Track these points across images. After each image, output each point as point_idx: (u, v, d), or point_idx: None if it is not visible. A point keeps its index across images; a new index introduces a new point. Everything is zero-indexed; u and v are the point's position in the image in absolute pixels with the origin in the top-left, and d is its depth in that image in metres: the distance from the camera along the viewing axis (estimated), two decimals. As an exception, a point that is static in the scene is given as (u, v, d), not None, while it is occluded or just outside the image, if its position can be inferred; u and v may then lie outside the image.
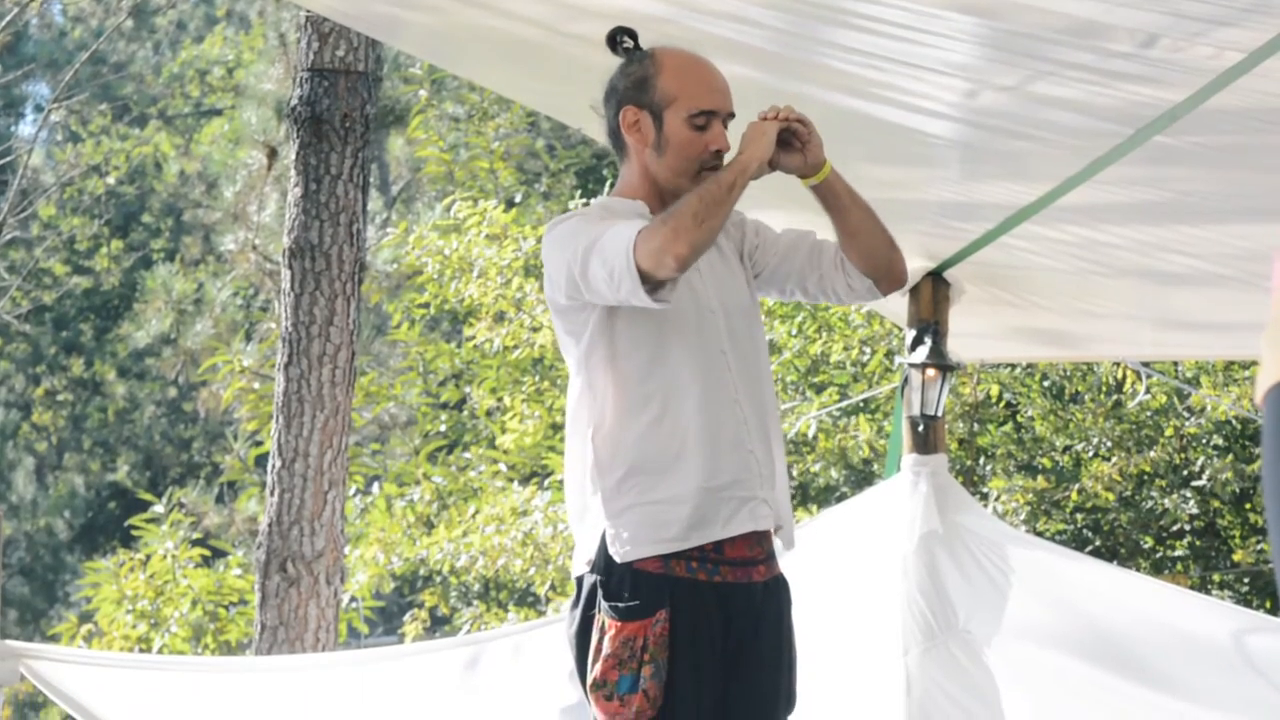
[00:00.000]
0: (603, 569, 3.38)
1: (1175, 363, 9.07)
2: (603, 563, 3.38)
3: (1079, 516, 9.57)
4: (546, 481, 10.79)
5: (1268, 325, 1.91)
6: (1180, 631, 5.07)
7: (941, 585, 5.07)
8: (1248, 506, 9.48)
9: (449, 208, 11.54)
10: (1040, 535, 8.96)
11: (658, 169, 3.48)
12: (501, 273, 10.85)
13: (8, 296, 17.59)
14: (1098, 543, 9.52)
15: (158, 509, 11.33)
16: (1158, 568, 9.51)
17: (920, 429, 5.30)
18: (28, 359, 22.31)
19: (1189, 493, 9.36)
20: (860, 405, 9.91)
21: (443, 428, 12.42)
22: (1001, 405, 9.79)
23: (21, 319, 19.81)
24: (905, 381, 5.33)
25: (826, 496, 10.21)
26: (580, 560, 3.44)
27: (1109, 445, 9.36)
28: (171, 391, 21.53)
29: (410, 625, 11.49)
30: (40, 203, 19.65)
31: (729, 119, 3.48)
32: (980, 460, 9.77)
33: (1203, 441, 9.32)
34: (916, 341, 5.32)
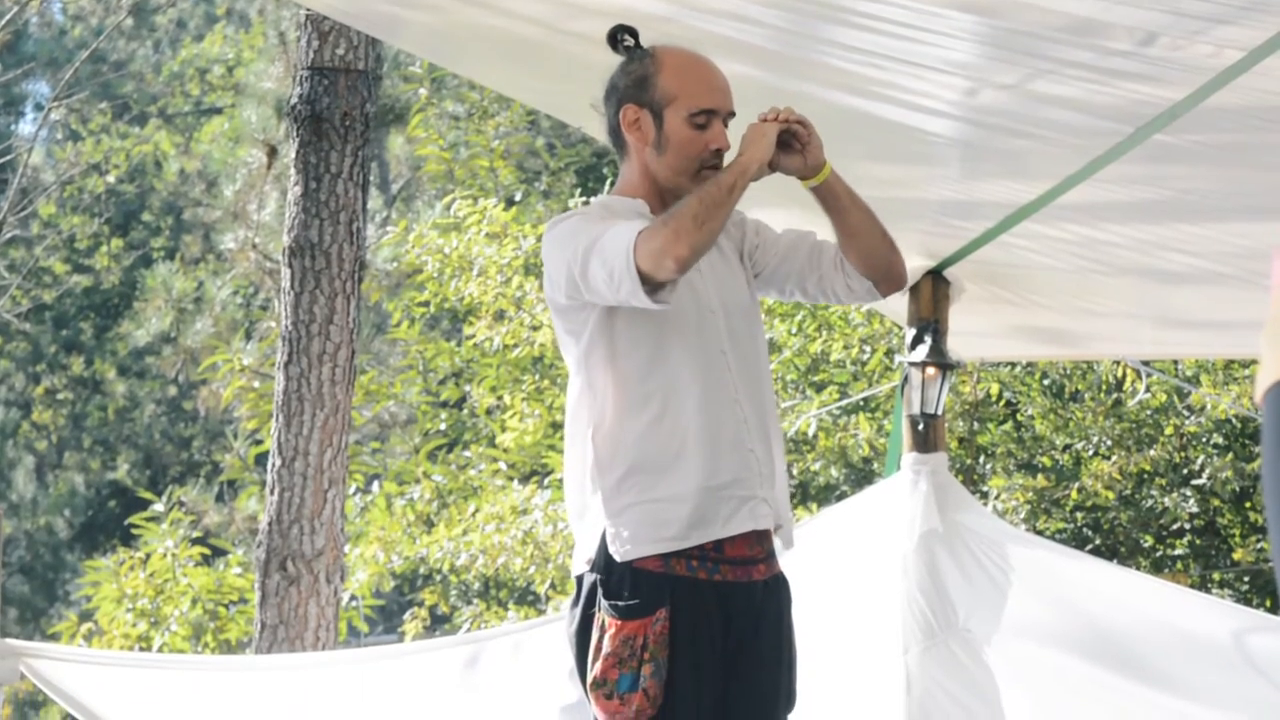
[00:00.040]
0: (603, 568, 3.38)
1: (1175, 361, 9.07)
2: (603, 561, 3.38)
3: (1079, 515, 9.57)
4: (546, 480, 10.79)
5: (1267, 324, 1.91)
6: (1180, 630, 5.06)
7: (941, 584, 5.07)
8: (1248, 505, 9.48)
9: (449, 206, 11.53)
10: (1040, 534, 8.96)
11: (658, 167, 3.48)
12: (501, 271, 10.84)
13: (8, 295, 17.59)
14: (1098, 541, 9.52)
15: (158, 507, 11.32)
16: (1158, 566, 9.51)
17: (920, 427, 5.30)
18: (28, 358, 22.31)
19: (1189, 491, 9.36)
20: (860, 404, 9.91)
21: (443, 426, 12.41)
22: (1001, 404, 9.78)
23: (21, 318, 19.81)
24: (905, 380, 5.33)
25: (826, 495, 10.20)
26: (580, 559, 3.44)
27: (1109, 444, 9.36)
28: (171, 390, 21.54)
29: (410, 624, 11.49)
30: (40, 201, 19.64)
31: (729, 118, 3.48)
32: (980, 459, 9.77)
33: (1203, 440, 9.32)
34: (916, 340, 5.32)
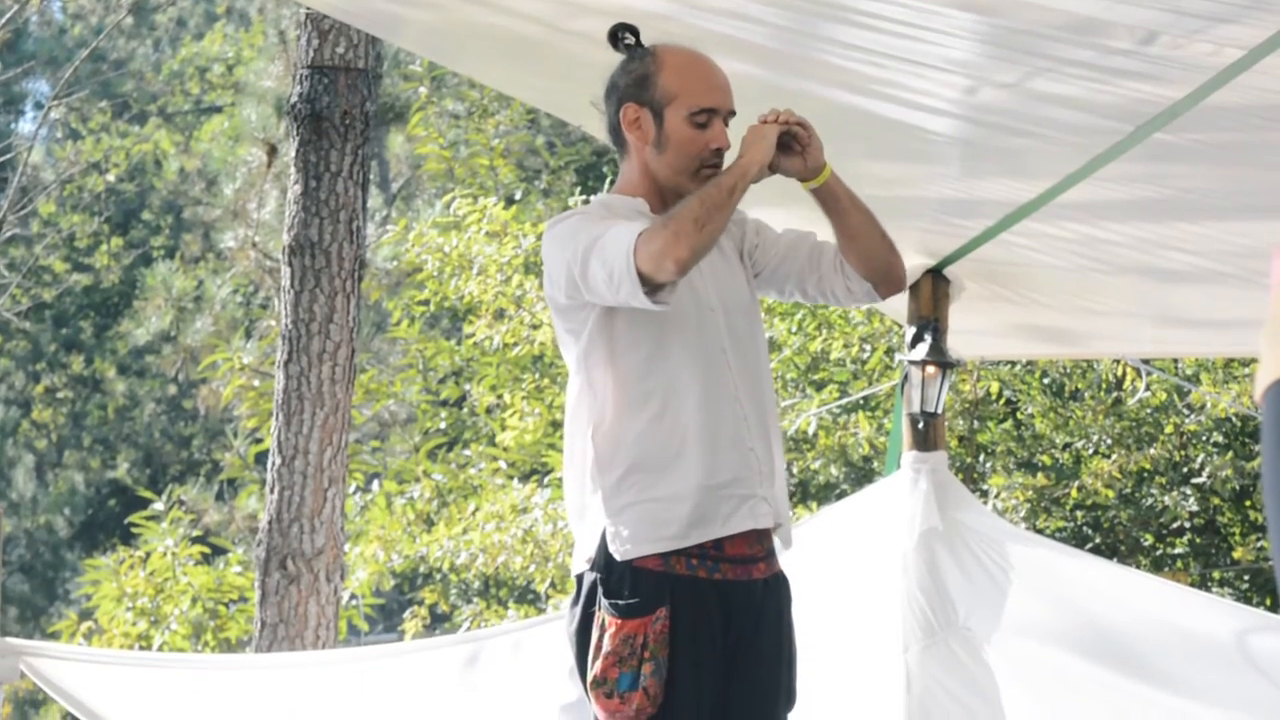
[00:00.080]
0: (603, 567, 3.38)
1: (1175, 360, 9.07)
2: (603, 560, 3.38)
3: (1079, 514, 9.57)
4: (546, 479, 10.79)
5: (1267, 322, 1.91)
6: (1180, 629, 5.06)
7: (941, 582, 5.07)
8: (1248, 504, 9.48)
9: (449, 205, 11.53)
10: (1040, 532, 8.96)
11: (658, 166, 3.48)
12: (501, 270, 10.84)
13: (8, 294, 17.58)
14: (1098, 540, 9.52)
15: (158, 506, 11.32)
16: (1158, 565, 9.51)
17: (920, 426, 5.30)
18: (28, 356, 22.31)
19: (1189, 490, 9.36)
20: (860, 402, 9.91)
21: (442, 425, 12.41)
22: (1001, 402, 9.78)
23: (21, 316, 19.80)
24: (905, 378, 5.33)
25: (826, 494, 10.21)
26: (580, 558, 3.44)
27: (1109, 442, 9.36)
28: (171, 389, 21.54)
29: (410, 622, 11.50)
30: (40, 200, 19.64)
31: (730, 117, 3.48)
32: (980, 457, 9.77)
33: (1203, 439, 9.32)
34: (916, 338, 5.31)
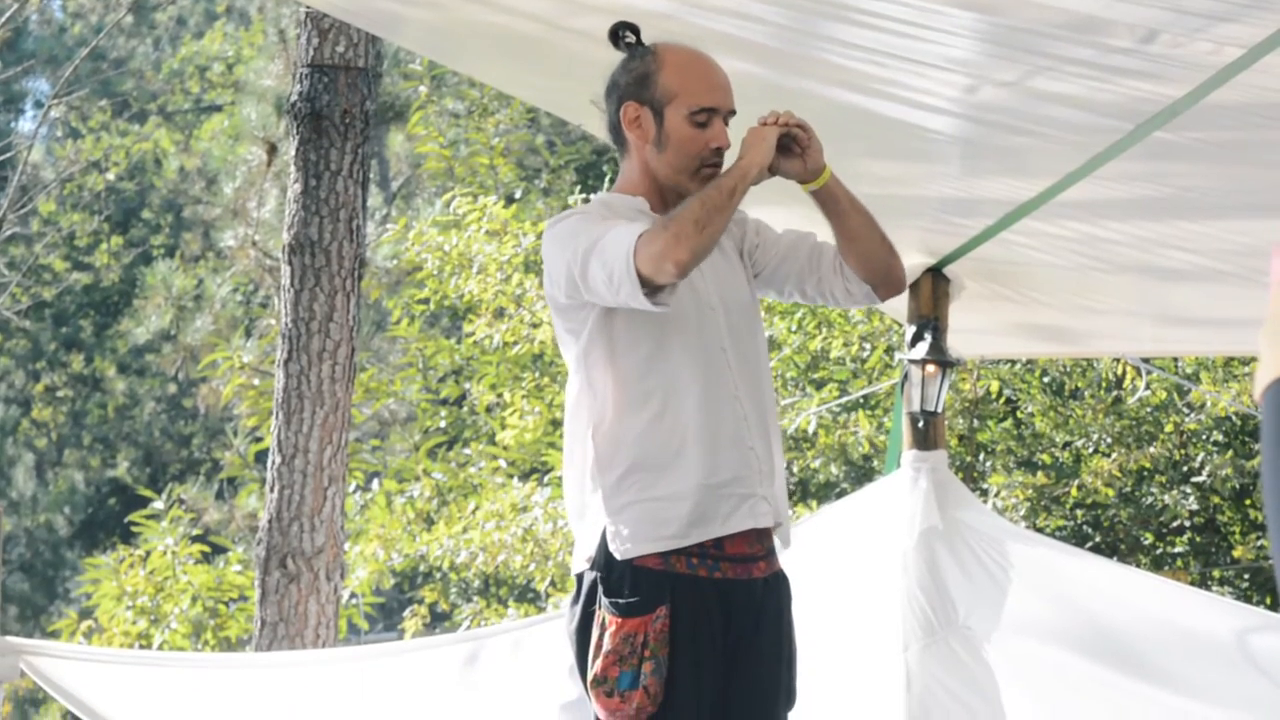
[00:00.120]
0: (603, 565, 3.38)
1: (1175, 358, 9.07)
2: (603, 559, 3.38)
3: (1079, 512, 9.57)
4: (546, 477, 10.79)
5: (1266, 321, 1.90)
6: (1180, 627, 5.06)
7: (941, 581, 5.07)
8: (1248, 502, 9.48)
9: (449, 204, 11.53)
10: (1040, 531, 8.96)
11: (658, 165, 3.48)
12: (501, 269, 10.84)
13: (7, 292, 17.57)
14: (1098, 539, 9.52)
15: (158, 505, 11.32)
16: (1158, 564, 9.51)
17: (920, 425, 5.30)
18: (28, 355, 22.31)
19: (1189, 489, 9.36)
20: (860, 401, 9.91)
21: (442, 424, 12.41)
22: (1001, 401, 9.78)
23: (21, 315, 19.79)
24: (905, 377, 5.33)
25: (826, 493, 10.20)
26: (580, 557, 3.44)
27: (1109, 441, 9.36)
28: (171, 388, 21.54)
29: (410, 621, 11.50)
30: (40, 199, 19.63)
31: (730, 116, 3.48)
32: (980, 456, 9.77)
33: (1203, 437, 9.32)
34: (916, 337, 5.31)
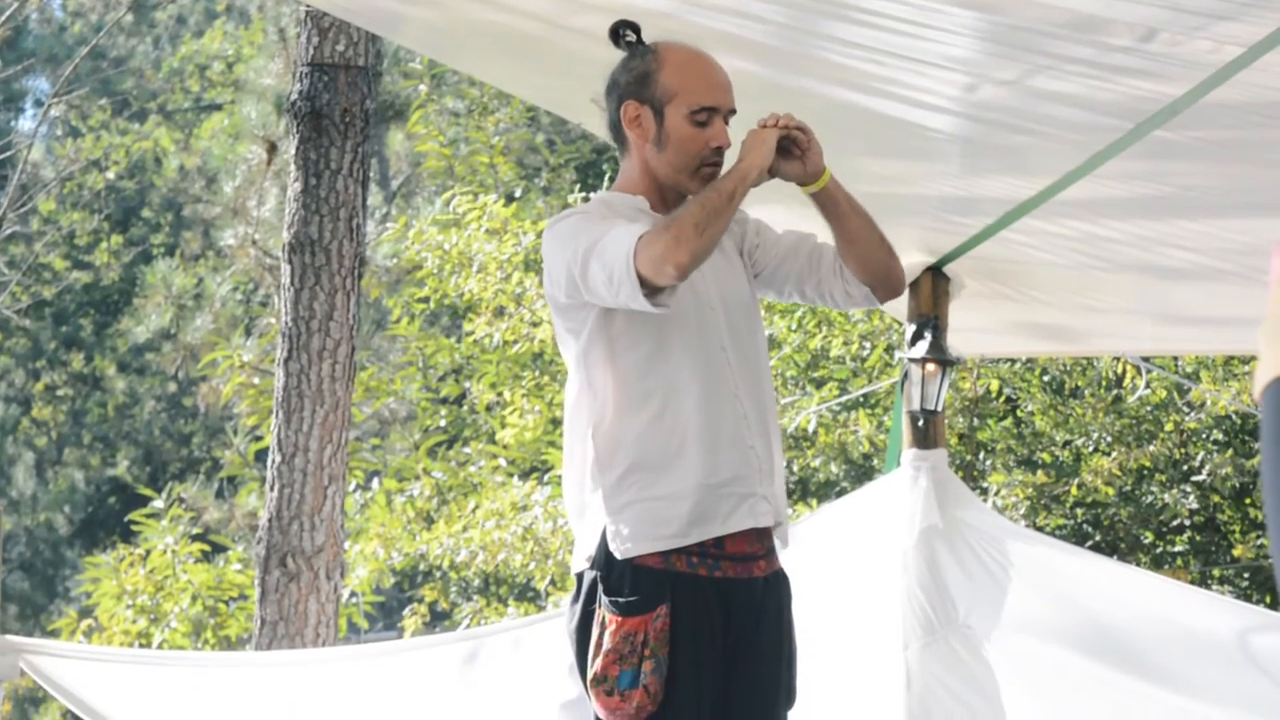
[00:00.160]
0: (603, 565, 3.38)
1: (1175, 357, 9.07)
2: (603, 559, 3.38)
3: (1079, 511, 9.57)
4: (546, 476, 10.79)
5: (1265, 320, 1.90)
6: (1180, 626, 5.06)
7: (941, 580, 5.06)
8: (1247, 501, 9.48)
9: (449, 202, 11.53)
10: (1040, 530, 8.96)
11: (658, 164, 3.48)
12: (501, 267, 10.84)
13: (7, 291, 17.57)
14: (1098, 538, 9.52)
15: (158, 504, 11.32)
16: (1158, 563, 9.51)
17: (920, 424, 5.29)
18: (27, 354, 22.31)
19: (1189, 488, 9.36)
20: (860, 400, 9.91)
21: (442, 423, 12.41)
22: (1001, 400, 9.78)
23: (21, 314, 19.80)
24: (905, 376, 5.33)
25: (826, 491, 10.20)
26: (580, 556, 3.44)
27: (1109, 440, 9.36)
28: (171, 386, 21.54)
29: (410, 620, 11.51)
30: (40, 198, 19.63)
31: (730, 115, 3.48)
32: (980, 455, 9.77)
33: (1202, 436, 9.32)
34: (916, 336, 5.31)
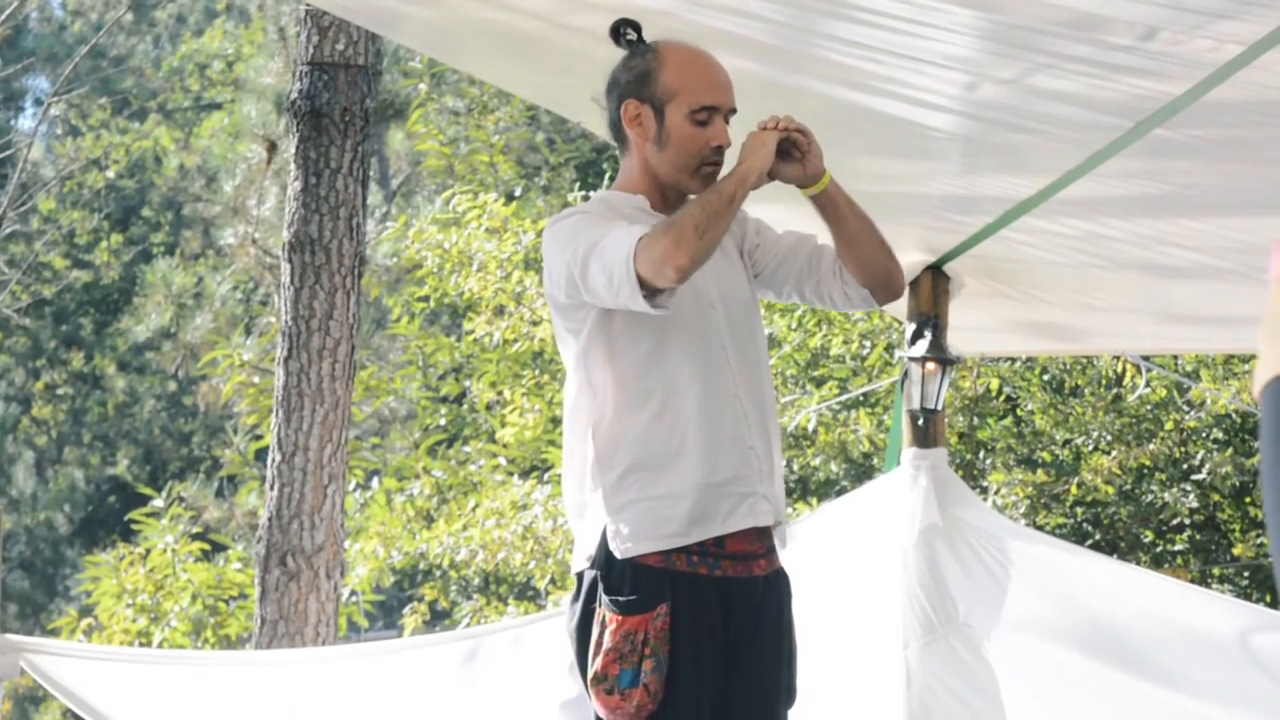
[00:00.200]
0: (603, 564, 3.38)
1: (1175, 356, 9.07)
2: (603, 558, 3.38)
3: (1079, 510, 9.57)
4: (546, 475, 10.79)
5: (1265, 319, 1.90)
6: (1180, 625, 5.06)
7: (941, 579, 5.06)
8: (1248, 500, 9.48)
9: (449, 201, 11.53)
10: (1040, 529, 8.96)
11: (658, 163, 3.48)
12: (501, 266, 10.84)
13: (7, 290, 17.57)
14: (1098, 536, 9.52)
15: (158, 503, 11.33)
16: (1158, 561, 9.51)
17: (920, 423, 5.29)
18: (27, 353, 22.31)
19: (1189, 486, 9.36)
20: (860, 399, 9.91)
21: (442, 422, 12.41)
22: (1001, 399, 9.78)
23: (21, 313, 19.80)
24: (905, 375, 5.32)
25: (826, 490, 10.20)
26: (580, 556, 3.44)
27: (1109, 439, 9.36)
28: (171, 386, 21.54)
29: (410, 619, 11.51)
30: (40, 197, 19.63)
31: (731, 114, 3.48)
32: (980, 454, 9.77)
33: (1202, 435, 9.32)
34: (916, 335, 5.31)
